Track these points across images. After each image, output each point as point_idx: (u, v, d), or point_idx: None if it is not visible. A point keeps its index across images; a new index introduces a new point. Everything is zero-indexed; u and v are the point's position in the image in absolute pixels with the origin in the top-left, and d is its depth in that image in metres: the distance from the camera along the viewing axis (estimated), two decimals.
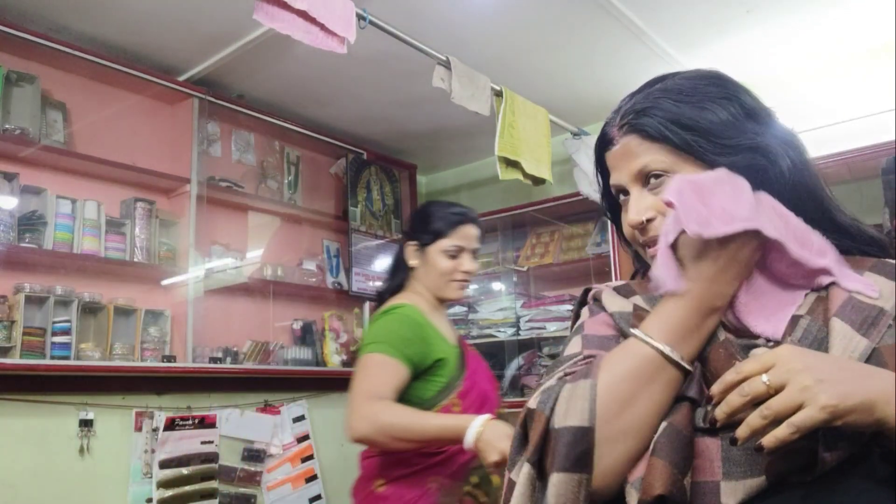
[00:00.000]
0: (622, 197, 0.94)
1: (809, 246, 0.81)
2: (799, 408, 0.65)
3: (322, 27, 1.96)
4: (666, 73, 0.93)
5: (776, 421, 0.66)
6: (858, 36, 2.84)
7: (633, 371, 0.78)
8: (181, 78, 2.99)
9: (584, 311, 0.97)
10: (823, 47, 2.92)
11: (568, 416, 0.76)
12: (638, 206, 0.89)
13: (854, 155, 2.59)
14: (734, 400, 0.68)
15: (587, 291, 0.99)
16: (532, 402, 0.79)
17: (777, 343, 0.82)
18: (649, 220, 0.88)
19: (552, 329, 3.33)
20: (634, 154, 0.89)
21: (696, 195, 0.79)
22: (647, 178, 0.89)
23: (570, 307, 3.32)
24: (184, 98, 3.01)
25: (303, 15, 1.91)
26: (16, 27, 2.45)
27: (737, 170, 0.84)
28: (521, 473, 0.77)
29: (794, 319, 0.82)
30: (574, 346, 0.90)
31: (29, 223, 2.49)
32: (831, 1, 2.59)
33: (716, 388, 0.71)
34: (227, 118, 3.23)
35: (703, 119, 0.86)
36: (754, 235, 0.78)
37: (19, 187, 2.49)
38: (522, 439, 0.79)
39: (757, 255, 0.81)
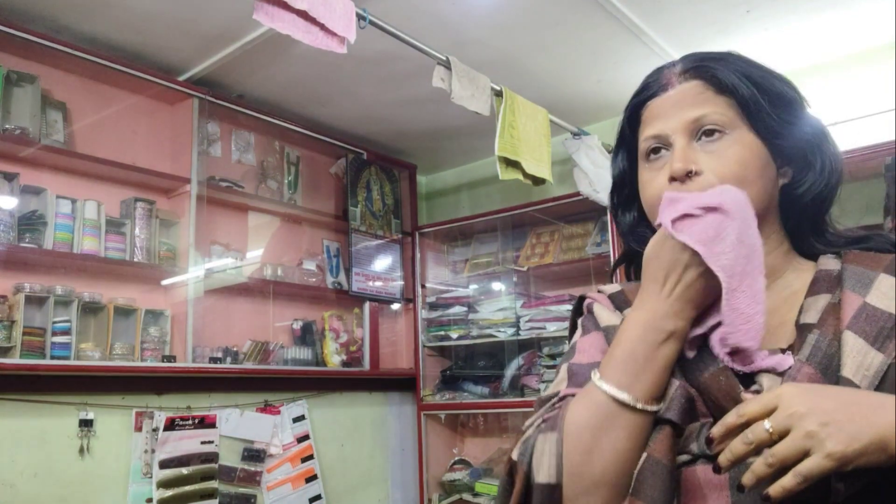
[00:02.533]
0: (653, 155, 0.86)
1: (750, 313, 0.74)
2: (805, 455, 0.63)
3: (322, 27, 1.96)
4: None
5: (782, 468, 0.63)
6: (858, 36, 2.84)
7: (592, 419, 0.74)
8: (181, 78, 2.99)
9: (580, 325, 0.93)
10: (823, 47, 2.93)
11: (539, 472, 0.75)
12: (686, 156, 0.81)
13: (854, 155, 2.59)
14: (738, 448, 0.66)
15: (583, 299, 0.95)
16: (514, 453, 0.78)
17: (786, 351, 0.78)
18: (694, 174, 0.80)
19: (552, 329, 3.33)
20: (694, 102, 0.82)
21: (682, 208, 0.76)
22: (698, 131, 0.82)
23: (570, 307, 3.31)
24: (184, 98, 3.01)
25: (303, 15, 1.91)
26: (16, 27, 2.45)
27: (793, 147, 0.83)
28: None
29: (803, 330, 0.77)
30: (560, 378, 0.87)
31: (29, 223, 2.49)
32: (831, 1, 2.59)
33: (717, 431, 0.68)
34: (227, 118, 3.23)
35: (774, 84, 0.84)
36: (700, 262, 0.74)
37: (19, 187, 2.49)
38: (508, 489, 0.78)
39: (712, 283, 0.75)
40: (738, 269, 0.73)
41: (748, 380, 0.76)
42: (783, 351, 0.78)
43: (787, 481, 0.63)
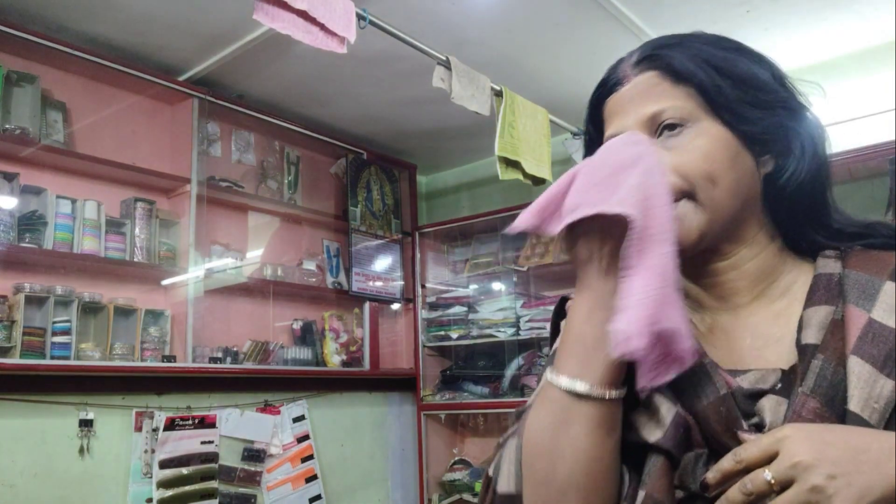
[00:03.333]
0: None
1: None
2: None
3: (322, 27, 1.96)
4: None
5: None
6: (858, 36, 2.84)
7: (549, 418, 0.69)
8: (181, 78, 2.99)
9: (562, 328, 0.86)
10: (823, 47, 2.93)
11: (500, 481, 0.71)
12: None
13: (854, 155, 2.59)
14: (735, 497, 0.61)
15: (564, 300, 0.89)
16: (490, 468, 0.74)
17: (787, 373, 0.72)
18: None
19: None
20: (650, 95, 0.75)
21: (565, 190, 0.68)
22: (658, 128, 0.75)
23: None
24: (184, 98, 3.01)
25: (303, 15, 1.91)
26: (16, 27, 2.45)
27: (766, 131, 0.75)
28: None
29: (805, 352, 0.70)
30: (541, 388, 0.82)
31: (29, 223, 2.49)
32: (831, 1, 2.59)
33: (712, 477, 0.64)
34: (227, 118, 3.23)
35: (738, 66, 0.76)
36: (610, 221, 0.65)
37: (19, 187, 2.49)
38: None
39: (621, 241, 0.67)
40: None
41: (748, 406, 0.71)
42: (784, 372, 0.72)
43: None
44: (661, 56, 0.76)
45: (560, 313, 0.88)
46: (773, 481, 0.59)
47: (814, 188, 0.78)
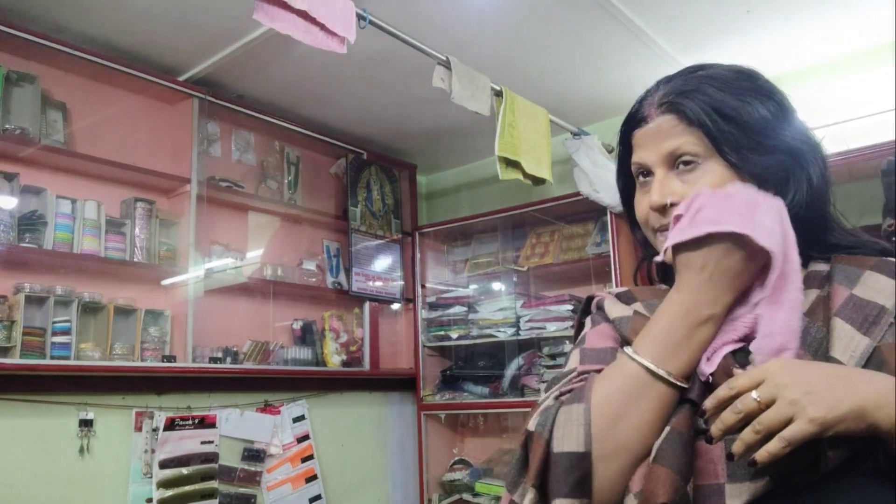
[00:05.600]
0: (641, 178, 0.93)
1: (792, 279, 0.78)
2: (789, 421, 0.67)
3: (322, 27, 1.96)
4: (704, 62, 0.93)
5: (769, 435, 0.67)
6: (858, 36, 2.84)
7: (622, 389, 0.78)
8: (181, 78, 2.99)
9: (588, 321, 0.97)
10: (823, 47, 2.93)
11: (565, 441, 0.77)
12: (663, 189, 0.88)
13: (854, 155, 2.59)
14: (728, 418, 0.70)
15: (590, 300, 0.99)
16: (531, 425, 0.80)
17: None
18: (672, 204, 0.87)
19: (552, 329, 3.33)
20: (668, 135, 0.88)
21: (699, 208, 0.79)
22: (675, 161, 0.88)
23: (570, 307, 3.31)
24: (184, 98, 3.01)
25: (303, 15, 1.91)
26: (16, 27, 2.45)
27: (766, 171, 0.86)
28: (526, 499, 0.78)
29: None
30: (573, 361, 0.91)
31: (29, 223, 2.49)
32: (831, 1, 2.59)
33: (709, 404, 0.72)
34: (227, 118, 3.23)
35: (744, 112, 0.86)
36: (740, 244, 0.76)
37: (19, 187, 2.49)
38: (524, 461, 0.80)
39: (751, 266, 0.78)
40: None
41: (743, 361, 0.80)
42: None
43: (773, 446, 0.66)
44: (677, 103, 0.88)
45: (586, 311, 0.99)
46: (759, 400, 0.69)
47: (811, 214, 0.87)
